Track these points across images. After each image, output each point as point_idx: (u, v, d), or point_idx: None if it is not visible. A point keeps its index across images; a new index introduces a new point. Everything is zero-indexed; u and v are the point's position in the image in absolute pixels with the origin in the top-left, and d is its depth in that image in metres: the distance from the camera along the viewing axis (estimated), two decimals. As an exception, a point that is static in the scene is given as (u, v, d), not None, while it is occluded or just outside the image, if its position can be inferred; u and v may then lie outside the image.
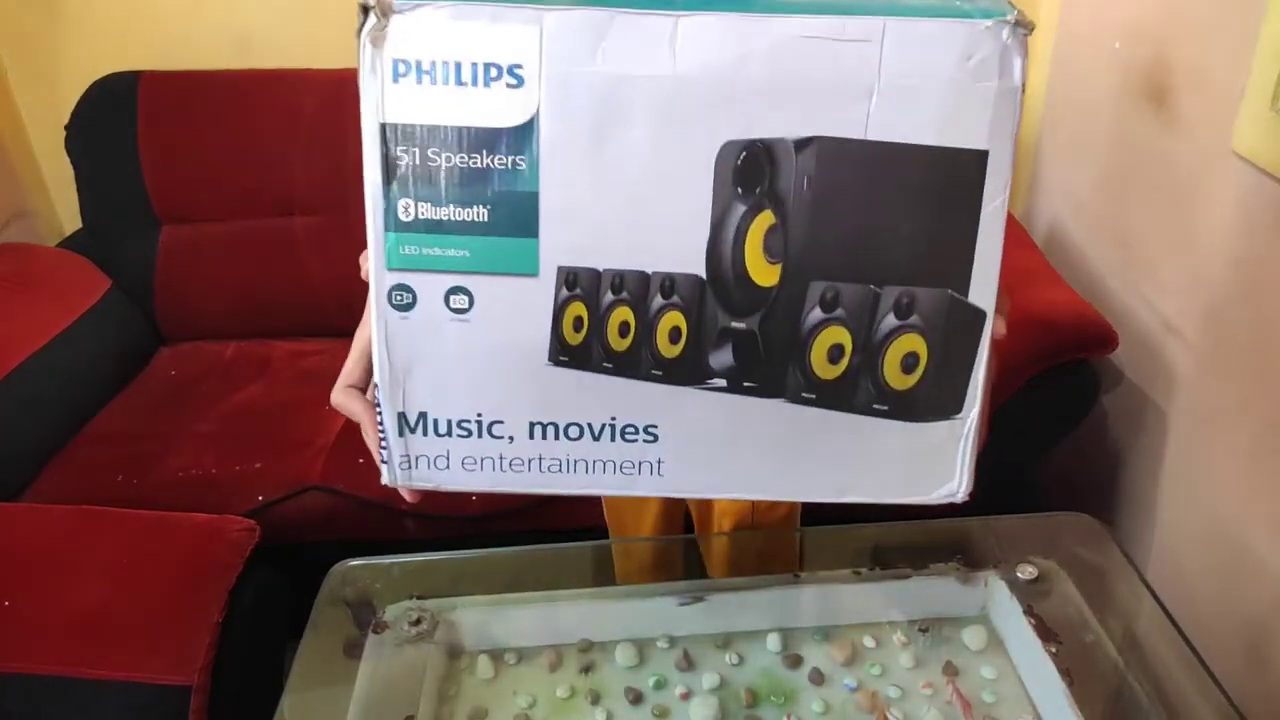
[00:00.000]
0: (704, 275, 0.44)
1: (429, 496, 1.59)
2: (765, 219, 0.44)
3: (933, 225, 0.44)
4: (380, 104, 0.42)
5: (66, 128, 1.74)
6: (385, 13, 0.40)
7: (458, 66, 0.41)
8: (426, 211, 0.43)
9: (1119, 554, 1.03)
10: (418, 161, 0.42)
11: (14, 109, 1.87)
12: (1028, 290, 1.48)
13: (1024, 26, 0.42)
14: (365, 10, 0.41)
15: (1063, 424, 1.46)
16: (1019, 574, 0.99)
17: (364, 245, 1.63)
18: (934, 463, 0.49)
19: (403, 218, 0.44)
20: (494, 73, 0.41)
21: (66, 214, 1.94)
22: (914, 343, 0.46)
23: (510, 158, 0.42)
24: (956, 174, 0.43)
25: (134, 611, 1.09)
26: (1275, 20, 1.11)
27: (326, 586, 1.02)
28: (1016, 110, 0.42)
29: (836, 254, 0.44)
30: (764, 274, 0.44)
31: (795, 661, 0.92)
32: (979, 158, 0.43)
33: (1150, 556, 1.47)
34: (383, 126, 0.42)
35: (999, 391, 1.49)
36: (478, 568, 1.06)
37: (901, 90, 0.42)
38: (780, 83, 0.42)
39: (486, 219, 0.43)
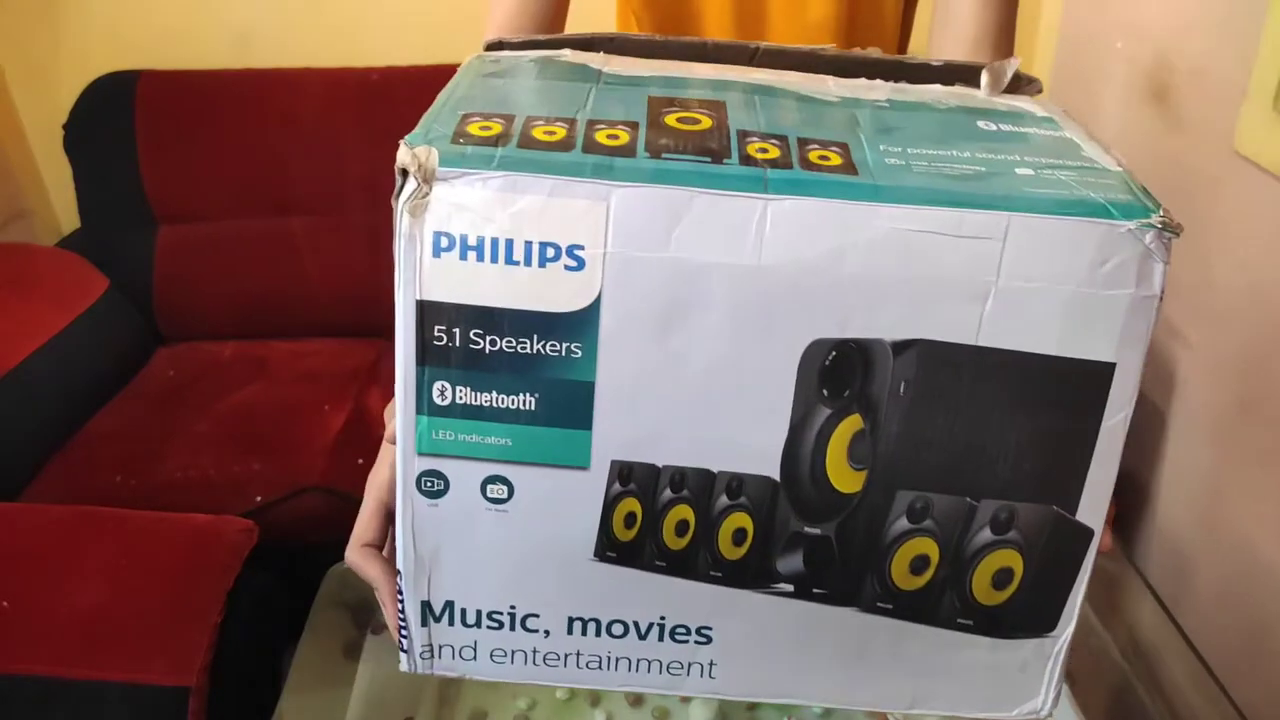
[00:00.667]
0: (777, 478, 0.39)
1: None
2: (853, 423, 0.38)
3: (1044, 440, 0.39)
4: (417, 279, 0.37)
5: (65, 127, 1.74)
6: (428, 179, 0.36)
7: (509, 244, 0.36)
8: (465, 396, 0.38)
9: (1121, 555, 1.03)
10: (458, 343, 0.38)
11: (12, 108, 1.86)
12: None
13: (1171, 230, 0.37)
14: (404, 174, 0.36)
15: (1064, 425, 1.45)
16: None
17: (362, 245, 1.62)
18: (1018, 679, 0.44)
19: (438, 401, 0.39)
20: (551, 253, 0.36)
21: (65, 214, 1.93)
22: (1009, 559, 0.41)
23: (565, 344, 0.37)
24: (1077, 387, 0.38)
25: (132, 612, 1.08)
26: (1277, 20, 1.11)
27: (325, 588, 1.02)
28: (1152, 320, 0.37)
29: (932, 465, 0.39)
30: (846, 481, 0.39)
31: (796, 663, 0.91)
32: (1105, 371, 0.38)
33: (1152, 557, 1.46)
34: (420, 305, 0.38)
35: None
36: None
37: (1023, 294, 0.36)
38: (882, 280, 0.36)
39: (534, 407, 0.38)
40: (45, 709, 1.02)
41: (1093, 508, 0.40)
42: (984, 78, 0.47)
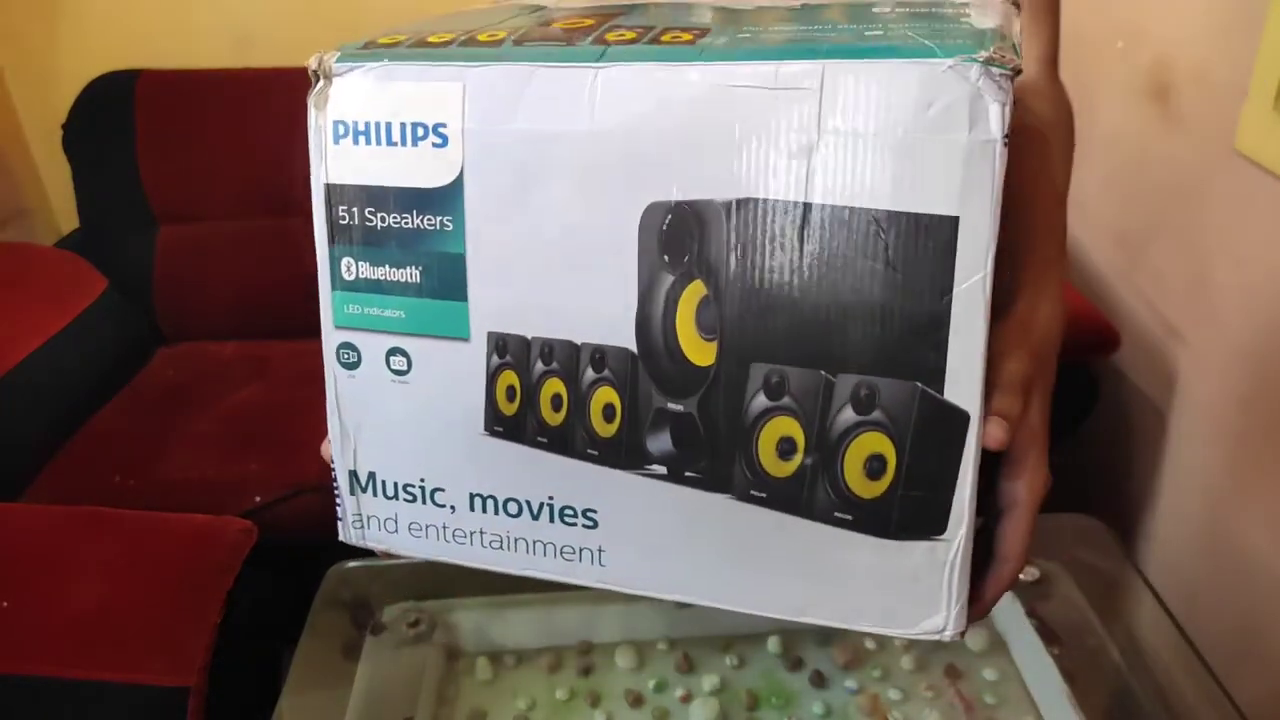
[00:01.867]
0: (634, 349, 0.40)
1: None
2: (696, 290, 0.38)
3: (893, 308, 0.36)
4: (324, 164, 0.41)
5: (64, 127, 1.74)
6: (326, 76, 0.41)
7: (388, 127, 0.40)
8: (366, 271, 0.42)
9: (1121, 555, 1.03)
10: (357, 221, 0.42)
11: (11, 108, 1.86)
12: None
13: (1001, 65, 0.33)
14: (314, 75, 0.41)
15: (1064, 425, 1.45)
16: (1021, 576, 0.99)
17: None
18: (913, 590, 0.40)
19: (346, 276, 0.43)
20: (420, 132, 0.40)
21: (64, 213, 1.94)
22: (878, 443, 0.38)
23: (439, 218, 0.41)
24: (920, 245, 0.35)
25: (131, 612, 1.08)
26: (1277, 20, 1.11)
27: (324, 588, 1.02)
28: (996, 167, 0.34)
29: (780, 334, 0.38)
30: (699, 352, 0.39)
31: (796, 664, 0.91)
32: (948, 224, 0.35)
33: (1153, 558, 1.46)
34: (326, 187, 0.42)
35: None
36: (476, 569, 1.06)
37: (849, 146, 0.35)
38: (706, 138, 0.36)
39: (419, 280, 0.42)
40: (45, 709, 1.02)
41: (963, 387, 0.37)
42: None
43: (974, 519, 0.40)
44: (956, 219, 0.35)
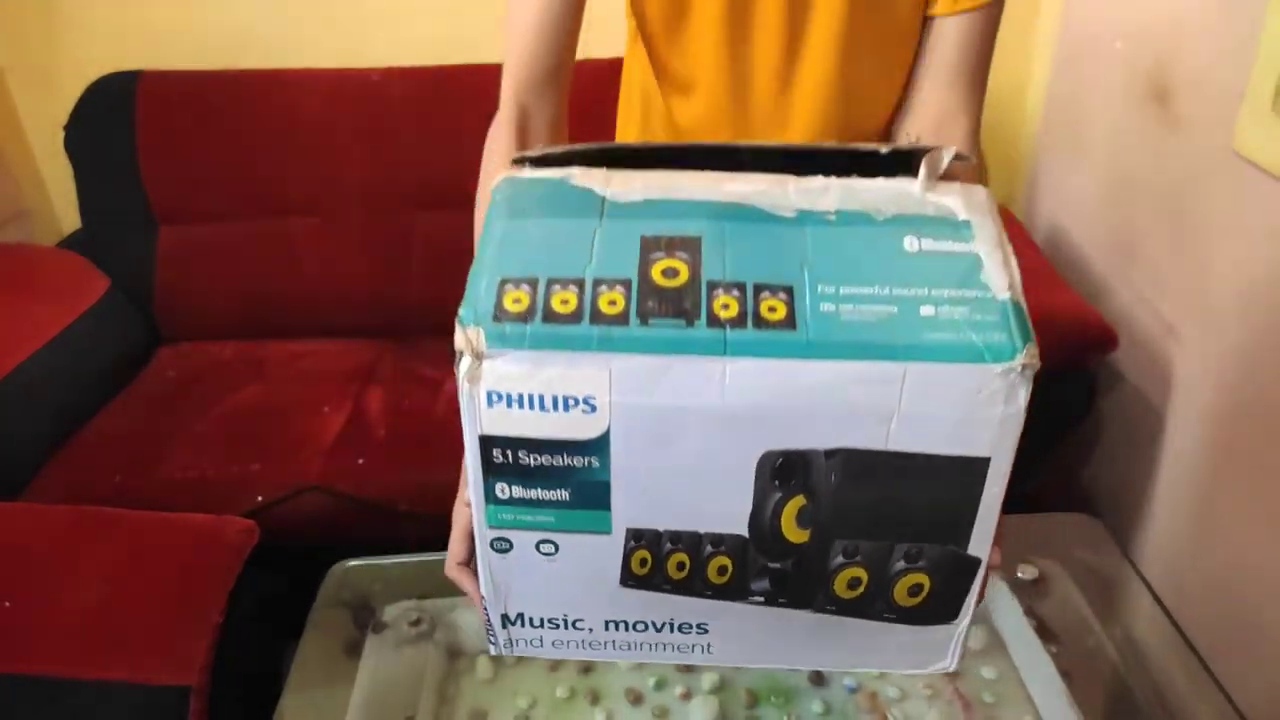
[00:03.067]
0: (746, 535, 0.54)
1: (426, 497, 1.57)
2: (798, 501, 0.53)
3: (940, 508, 0.53)
4: (478, 421, 0.51)
5: (65, 127, 1.74)
6: (479, 357, 0.49)
7: (541, 398, 0.50)
8: (519, 493, 0.53)
9: (1119, 555, 1.03)
10: (511, 460, 0.52)
11: (12, 109, 1.86)
12: (1027, 291, 1.47)
13: (1031, 366, 0.48)
14: (460, 352, 0.49)
15: (1063, 426, 1.46)
16: (1020, 574, 0.99)
17: (361, 247, 1.62)
18: (931, 649, 0.60)
19: (499, 496, 0.53)
20: (572, 403, 0.50)
21: (65, 214, 1.94)
22: (919, 578, 0.56)
23: (587, 459, 0.51)
24: (962, 473, 0.51)
25: (133, 612, 1.09)
26: (1276, 21, 1.11)
27: (325, 587, 1.02)
28: (1018, 426, 0.50)
29: (859, 524, 0.54)
30: (796, 535, 0.54)
31: (795, 662, 0.92)
32: (983, 462, 0.51)
33: (1150, 557, 1.47)
34: (481, 438, 0.52)
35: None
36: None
37: (919, 416, 0.49)
38: (814, 411, 0.50)
39: (568, 498, 0.53)
40: (46, 708, 1.02)
41: (980, 544, 0.54)
42: (922, 170, 0.55)
43: (976, 605, 0.57)
44: (988, 459, 0.51)
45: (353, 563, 1.04)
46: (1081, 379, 1.40)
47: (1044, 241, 1.76)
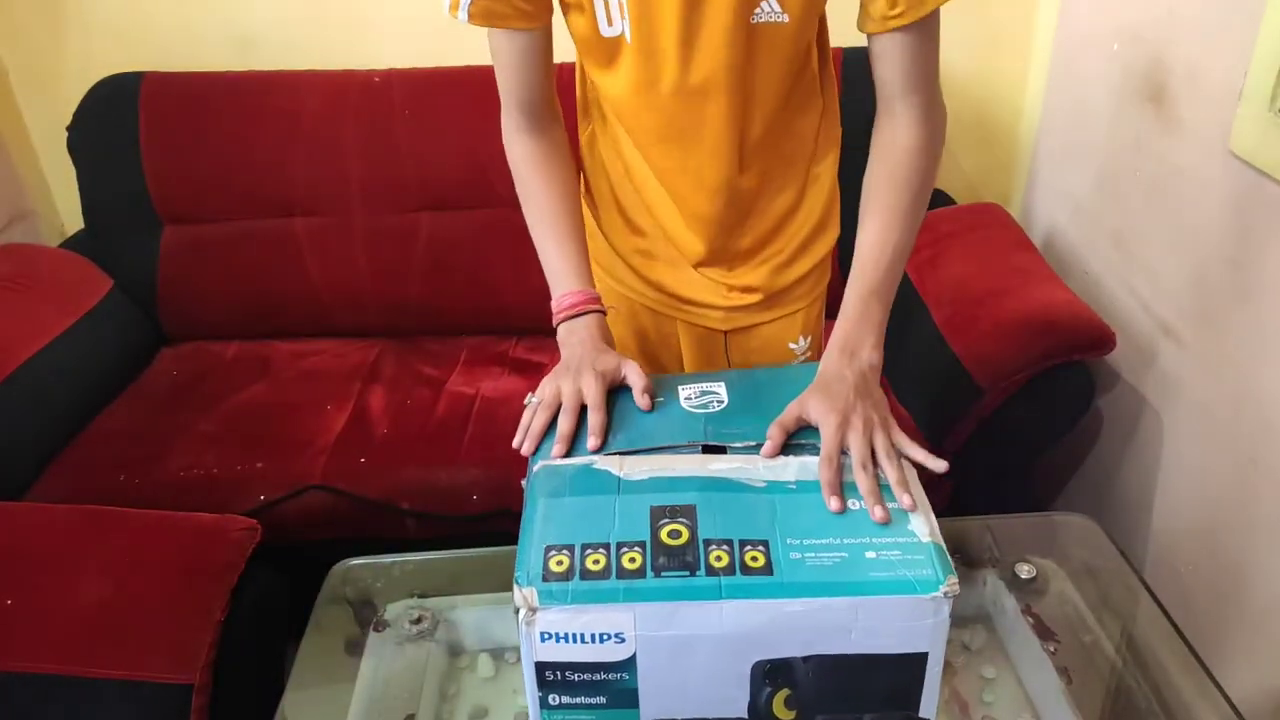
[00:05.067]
0: (746, 717, 0.71)
1: (428, 496, 1.57)
2: (785, 692, 0.70)
3: (894, 687, 0.70)
4: (534, 651, 0.67)
5: (69, 129, 1.75)
6: (533, 609, 0.65)
7: (581, 634, 0.66)
8: (566, 699, 0.69)
9: (1116, 553, 1.04)
10: (560, 677, 0.68)
11: (16, 110, 1.87)
12: (1026, 291, 1.48)
13: (951, 592, 0.66)
14: (517, 609, 0.65)
15: (1060, 425, 1.46)
16: (1017, 573, 1.00)
17: (363, 246, 1.63)
18: None
19: (551, 703, 0.69)
20: (605, 638, 0.66)
21: (68, 215, 1.94)
22: None
23: (619, 674, 0.68)
24: (908, 663, 0.69)
25: (136, 611, 1.09)
26: (1273, 21, 1.12)
27: (327, 585, 1.03)
28: (946, 629, 0.67)
29: (835, 702, 0.71)
30: (785, 715, 0.71)
31: (794, 660, 0.92)
32: (923, 655, 0.68)
33: (1147, 555, 1.47)
34: (536, 663, 0.67)
35: (998, 393, 1.47)
36: (478, 566, 1.07)
37: (871, 630, 0.67)
38: (792, 632, 0.67)
39: (605, 703, 0.69)
40: (49, 706, 1.03)
41: (928, 706, 0.71)
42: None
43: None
44: (926, 653, 0.68)
45: (354, 561, 1.05)
46: (1079, 379, 1.41)
47: (1042, 241, 1.77)
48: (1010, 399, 1.39)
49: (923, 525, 0.71)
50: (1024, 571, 1.00)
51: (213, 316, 1.81)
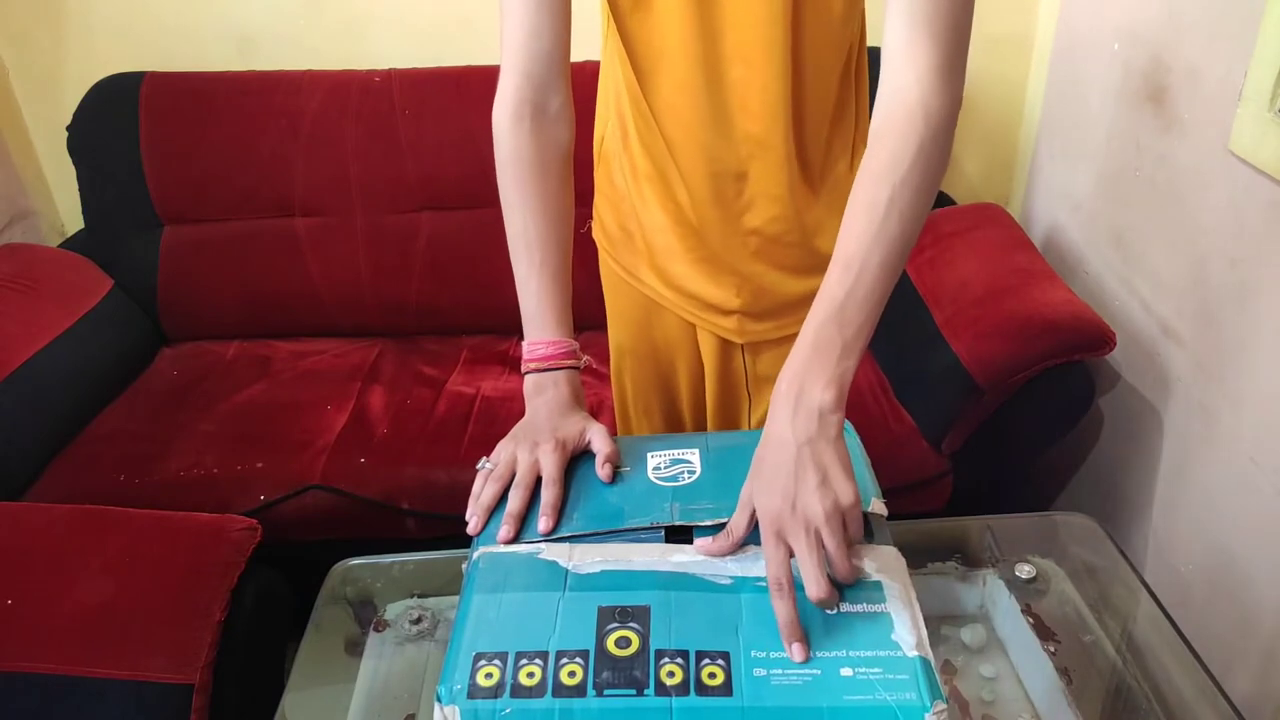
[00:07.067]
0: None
1: (428, 496, 1.56)
2: None
3: None
4: None
5: (69, 128, 1.75)
6: None
7: None
8: None
9: (1116, 553, 1.04)
10: None
11: (16, 110, 1.87)
12: (1026, 291, 1.48)
13: (939, 717, 0.56)
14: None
15: (1060, 424, 1.46)
16: (1017, 573, 1.00)
17: (363, 246, 1.63)
18: None
19: None
20: None
21: (69, 214, 1.95)
22: None
23: None
24: None
25: (136, 611, 1.09)
26: (1273, 22, 1.12)
27: (327, 585, 1.03)
28: None
29: None
30: None
31: (794, 660, 0.92)
32: None
33: (1147, 555, 1.47)
34: None
35: (998, 393, 1.47)
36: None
37: None
38: None
39: None
40: (49, 706, 1.02)
41: None
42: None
43: None
44: None
45: (354, 561, 1.05)
46: (1079, 379, 1.41)
47: (1041, 241, 1.77)
48: (1010, 399, 1.39)
49: (909, 634, 0.61)
50: (1024, 571, 1.00)
51: (213, 316, 1.81)
